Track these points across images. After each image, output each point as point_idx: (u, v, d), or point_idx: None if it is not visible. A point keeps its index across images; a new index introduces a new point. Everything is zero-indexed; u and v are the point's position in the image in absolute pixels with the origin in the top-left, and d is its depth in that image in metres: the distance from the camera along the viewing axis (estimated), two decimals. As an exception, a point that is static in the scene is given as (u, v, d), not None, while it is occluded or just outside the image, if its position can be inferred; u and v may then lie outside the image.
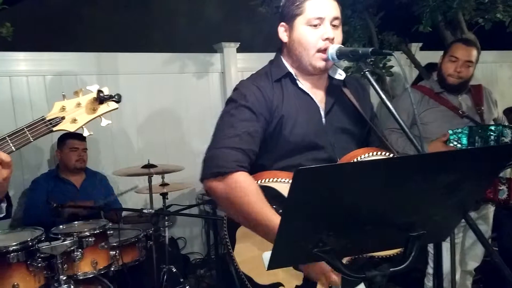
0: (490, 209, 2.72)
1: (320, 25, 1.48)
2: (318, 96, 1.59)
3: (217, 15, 4.50)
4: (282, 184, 1.45)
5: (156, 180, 3.15)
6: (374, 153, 1.45)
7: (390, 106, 1.41)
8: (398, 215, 1.08)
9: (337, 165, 1.28)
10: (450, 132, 2.44)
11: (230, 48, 4.12)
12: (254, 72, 1.64)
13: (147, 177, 3.00)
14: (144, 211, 2.60)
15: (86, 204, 2.95)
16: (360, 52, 1.42)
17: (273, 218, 1.30)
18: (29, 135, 1.33)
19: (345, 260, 1.36)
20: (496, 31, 3.32)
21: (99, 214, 3.12)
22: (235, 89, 1.58)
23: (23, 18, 3.14)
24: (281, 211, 1.35)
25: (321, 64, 1.51)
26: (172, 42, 4.13)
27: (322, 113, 1.57)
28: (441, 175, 1.02)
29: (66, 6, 3.72)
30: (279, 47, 1.62)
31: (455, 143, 2.45)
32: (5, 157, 1.29)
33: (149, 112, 3.81)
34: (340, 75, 1.61)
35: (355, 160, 1.45)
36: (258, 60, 1.70)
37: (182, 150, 3.93)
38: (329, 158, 1.53)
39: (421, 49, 4.68)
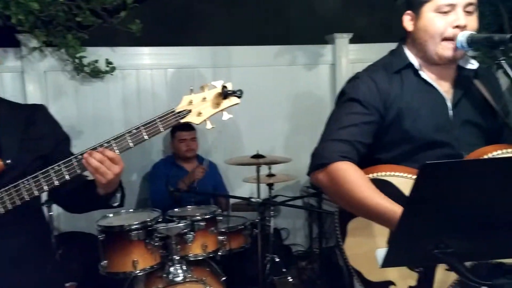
0: None
1: (450, 12, 1.36)
2: (444, 88, 1.47)
3: (331, 6, 4.41)
4: (400, 179, 1.37)
5: (263, 170, 3.21)
6: (508, 150, 1.29)
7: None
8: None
9: (468, 161, 1.17)
10: None
11: (342, 39, 4.02)
12: (370, 64, 1.57)
13: (254, 167, 3.07)
14: (252, 199, 2.66)
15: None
16: (496, 38, 1.27)
17: (383, 202, 1.24)
18: (159, 125, 1.43)
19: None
20: None
21: (209, 201, 3.29)
22: (348, 81, 1.54)
23: (146, 15, 3.39)
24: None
25: (448, 53, 1.39)
26: (285, 35, 4.15)
27: (449, 105, 1.45)
28: None
29: (184, 3, 3.95)
30: (403, 37, 1.54)
31: None
32: (112, 154, 1.39)
33: (259, 104, 3.89)
34: (472, 64, 1.47)
35: (485, 157, 1.30)
36: (371, 51, 1.63)
37: (290, 142, 3.95)
38: (455, 154, 1.41)
39: None
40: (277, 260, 3.00)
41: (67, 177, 1.42)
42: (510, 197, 0.92)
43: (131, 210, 2.69)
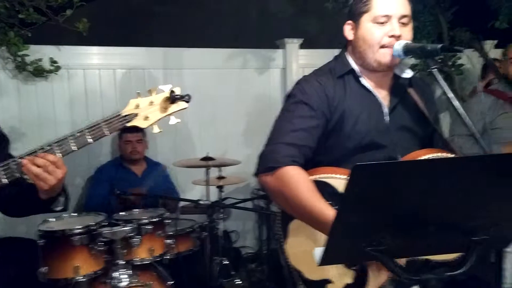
0: None
1: (387, 22, 1.44)
2: (382, 94, 1.55)
3: (283, 11, 4.48)
4: (339, 180, 1.42)
5: (214, 173, 3.21)
6: (437, 154, 1.37)
7: (460, 108, 1.31)
8: (460, 218, 1.02)
9: (396, 162, 1.23)
10: None
11: (293, 44, 4.09)
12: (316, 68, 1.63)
13: (205, 169, 3.06)
14: (200, 202, 2.65)
15: (142, 192, 3.06)
16: (428, 48, 1.35)
17: (326, 211, 1.28)
18: (105, 129, 1.40)
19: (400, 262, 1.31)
20: None
21: (157, 203, 3.23)
22: (296, 84, 1.58)
23: (95, 14, 3.31)
24: (336, 207, 1.32)
25: (386, 60, 1.46)
26: (237, 38, 4.17)
27: (386, 111, 1.53)
28: (508, 177, 0.95)
29: (136, 3, 3.88)
30: (345, 44, 1.59)
31: None
32: (54, 158, 1.35)
33: (211, 106, 3.89)
34: (407, 73, 1.55)
35: (416, 160, 1.38)
36: (321, 57, 1.68)
37: (241, 145, 3.96)
38: (391, 157, 1.49)
39: (497, 46, 4.37)
40: (226, 262, 3.00)
41: (4, 180, 1.37)
42: (436, 197, 0.98)
43: (75, 214, 2.60)
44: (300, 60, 4.12)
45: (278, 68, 4.16)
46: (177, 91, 1.47)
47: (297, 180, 1.36)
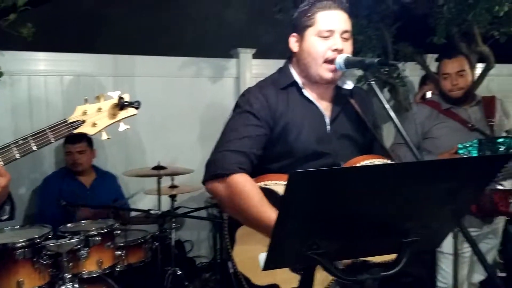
0: (501, 223, 2.70)
1: (330, 37, 1.51)
2: (324, 105, 1.62)
3: (236, 21, 4.53)
4: (284, 187, 1.46)
5: (166, 182, 3.18)
6: (376, 160, 1.45)
7: (395, 118, 1.40)
8: (392, 221, 1.09)
9: (331, 169, 1.29)
10: (460, 146, 2.44)
11: (246, 54, 4.15)
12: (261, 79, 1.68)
13: (156, 178, 3.03)
14: (151, 212, 2.62)
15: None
16: (366, 62, 1.44)
17: (274, 217, 1.31)
18: (50, 136, 1.37)
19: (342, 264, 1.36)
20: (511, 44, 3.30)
21: (107, 214, 3.15)
22: (242, 95, 1.64)
23: (43, 19, 3.22)
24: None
25: (328, 75, 1.53)
26: (190, 46, 4.17)
27: (327, 121, 1.60)
28: (438, 182, 1.03)
29: (85, 9, 3.79)
30: (289, 56, 1.65)
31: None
32: None
33: (163, 115, 3.85)
34: (348, 85, 1.63)
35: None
36: (274, 67, 1.73)
37: (194, 153, 3.94)
38: (334, 164, 1.55)
39: (437, 60, 4.63)
40: (179, 273, 2.97)
41: None
42: (370, 201, 1.04)
43: (17, 226, 2.49)
44: (254, 70, 4.18)
45: (232, 77, 4.19)
46: (126, 98, 1.47)
47: (246, 187, 1.41)
